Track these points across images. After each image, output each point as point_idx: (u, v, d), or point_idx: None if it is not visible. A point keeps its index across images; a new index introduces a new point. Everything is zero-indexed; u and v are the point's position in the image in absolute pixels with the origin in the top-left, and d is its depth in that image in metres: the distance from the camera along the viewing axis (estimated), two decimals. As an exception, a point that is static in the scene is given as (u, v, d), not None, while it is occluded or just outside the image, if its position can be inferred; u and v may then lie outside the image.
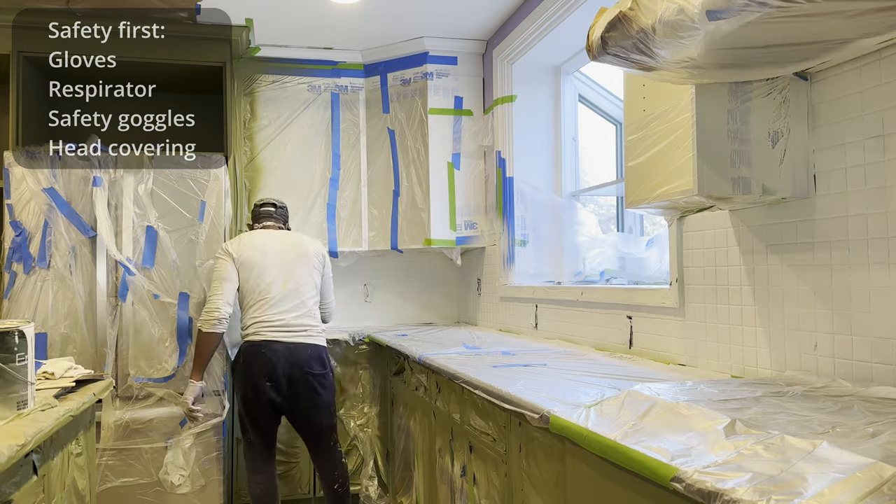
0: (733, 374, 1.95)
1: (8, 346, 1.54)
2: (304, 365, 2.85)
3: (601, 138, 3.64)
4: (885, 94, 1.53)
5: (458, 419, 2.30)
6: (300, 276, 2.96)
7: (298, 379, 2.85)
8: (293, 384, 2.86)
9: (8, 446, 1.34)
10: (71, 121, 3.85)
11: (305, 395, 2.87)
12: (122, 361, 3.15)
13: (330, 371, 2.96)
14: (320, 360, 2.91)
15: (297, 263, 2.97)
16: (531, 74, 3.60)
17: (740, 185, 1.68)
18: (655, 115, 1.85)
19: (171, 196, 3.26)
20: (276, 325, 2.86)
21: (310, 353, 2.88)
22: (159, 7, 3.30)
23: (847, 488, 0.86)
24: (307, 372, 2.85)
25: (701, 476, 0.99)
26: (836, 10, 1.11)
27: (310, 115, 3.99)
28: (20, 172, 3.11)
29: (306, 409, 2.90)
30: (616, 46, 1.43)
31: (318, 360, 2.89)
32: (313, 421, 2.94)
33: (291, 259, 2.98)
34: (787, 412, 1.30)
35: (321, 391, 2.89)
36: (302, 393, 2.87)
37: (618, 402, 1.45)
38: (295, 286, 2.93)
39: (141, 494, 3.13)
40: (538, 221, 3.53)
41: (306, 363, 2.86)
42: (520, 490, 1.79)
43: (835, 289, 1.64)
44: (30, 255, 3.09)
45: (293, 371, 2.84)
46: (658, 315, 2.32)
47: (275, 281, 2.91)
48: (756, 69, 1.54)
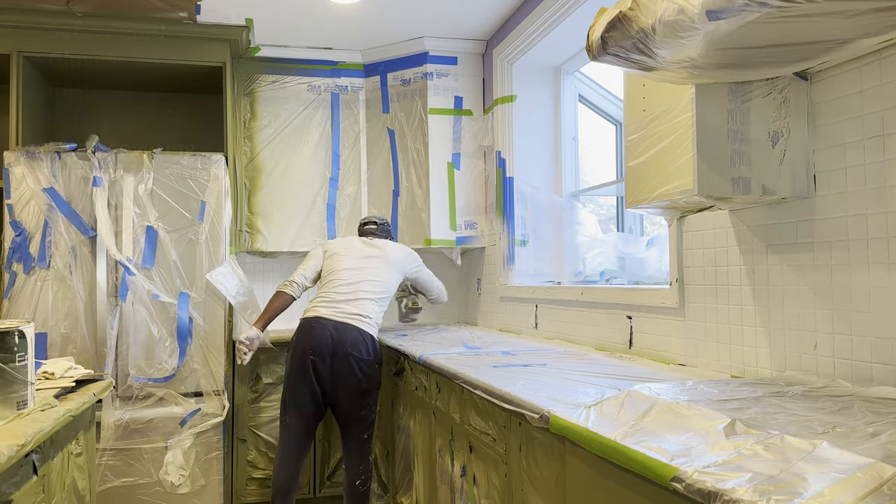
0: (733, 374, 1.95)
1: (8, 346, 1.54)
2: (347, 345, 2.91)
3: (601, 138, 3.64)
4: (885, 94, 1.53)
5: (458, 419, 2.30)
6: (372, 274, 3.07)
7: (341, 358, 2.90)
8: (335, 362, 2.91)
9: (8, 446, 1.34)
10: (71, 121, 3.86)
11: (345, 375, 2.91)
12: (122, 361, 3.15)
13: (375, 361, 2.97)
14: (365, 344, 2.95)
15: (374, 262, 3.11)
16: (531, 74, 3.60)
17: (740, 185, 1.68)
18: (655, 115, 1.85)
19: (171, 196, 3.26)
20: (331, 304, 2.99)
21: (356, 335, 2.94)
22: (159, 7, 3.30)
23: (847, 488, 0.86)
24: (349, 353, 2.90)
25: (701, 476, 0.99)
26: (835, 10, 1.11)
27: (310, 115, 4.00)
28: (20, 172, 3.11)
29: (343, 392, 2.94)
30: (616, 46, 1.43)
31: (363, 344, 2.94)
32: (348, 406, 2.96)
33: (370, 257, 3.13)
34: (787, 412, 1.29)
35: (360, 376, 2.92)
36: (341, 372, 2.91)
37: (618, 402, 1.45)
38: (362, 280, 3.04)
39: (141, 494, 3.13)
40: (538, 221, 3.53)
41: (351, 344, 2.91)
42: (520, 490, 1.79)
43: (835, 289, 1.64)
44: (30, 255, 3.09)
45: (337, 348, 2.91)
46: (658, 315, 2.33)
47: (347, 269, 3.07)
48: (756, 69, 1.53)
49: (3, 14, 3.24)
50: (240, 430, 3.51)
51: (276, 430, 3.57)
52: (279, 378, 3.58)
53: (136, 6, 3.28)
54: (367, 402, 2.98)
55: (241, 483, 3.51)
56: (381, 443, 3.58)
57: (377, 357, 3.01)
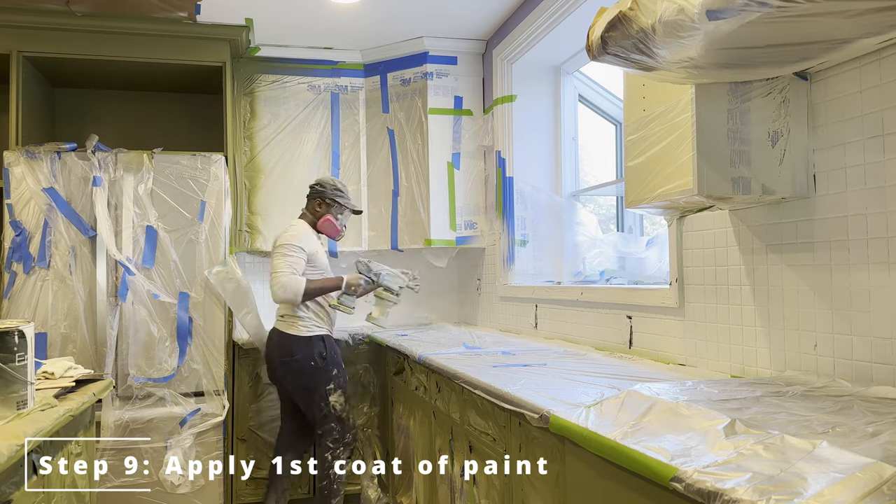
0: (733, 374, 1.95)
1: (8, 346, 1.54)
2: (273, 350, 3.07)
3: (601, 138, 3.64)
4: (885, 94, 1.53)
5: (458, 419, 2.30)
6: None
7: (275, 365, 3.08)
8: (272, 370, 3.13)
9: (8, 446, 1.34)
10: (71, 121, 3.86)
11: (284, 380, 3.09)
12: (121, 361, 3.15)
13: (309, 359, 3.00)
14: (287, 347, 3.02)
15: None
16: (531, 74, 3.60)
17: (740, 185, 1.68)
18: (655, 115, 1.85)
19: (170, 196, 3.26)
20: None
21: (278, 339, 3.06)
22: (159, 7, 3.30)
23: (847, 488, 0.86)
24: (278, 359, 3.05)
25: (701, 476, 0.99)
26: (835, 10, 1.11)
27: (309, 114, 3.99)
28: (20, 172, 3.10)
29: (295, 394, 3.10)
30: (616, 46, 1.43)
31: (285, 346, 3.02)
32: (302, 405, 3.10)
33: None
34: (787, 412, 1.29)
35: (292, 378, 3.04)
36: (280, 378, 3.10)
37: (618, 402, 1.45)
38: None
39: (141, 494, 3.13)
40: (538, 221, 3.53)
41: (276, 348, 3.06)
42: (520, 490, 1.79)
43: (834, 289, 1.64)
44: (30, 255, 3.08)
45: (270, 356, 3.10)
46: (658, 315, 2.32)
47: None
48: (756, 69, 1.53)
49: (3, 14, 3.24)
50: (240, 430, 3.51)
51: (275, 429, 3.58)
52: (279, 378, 3.58)
53: (135, 6, 3.28)
54: (315, 400, 3.02)
55: (241, 483, 3.50)
56: (381, 443, 3.58)
57: (311, 355, 3.01)
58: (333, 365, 3.06)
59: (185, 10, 3.35)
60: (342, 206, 3.18)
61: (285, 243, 2.98)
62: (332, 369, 3.05)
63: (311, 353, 3.00)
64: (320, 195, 3.15)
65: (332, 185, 3.16)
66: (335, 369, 3.06)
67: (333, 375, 3.04)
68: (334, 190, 3.16)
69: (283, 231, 3.07)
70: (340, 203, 3.16)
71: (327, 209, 3.15)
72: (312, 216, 3.17)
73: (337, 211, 3.17)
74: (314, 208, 3.16)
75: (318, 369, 3.01)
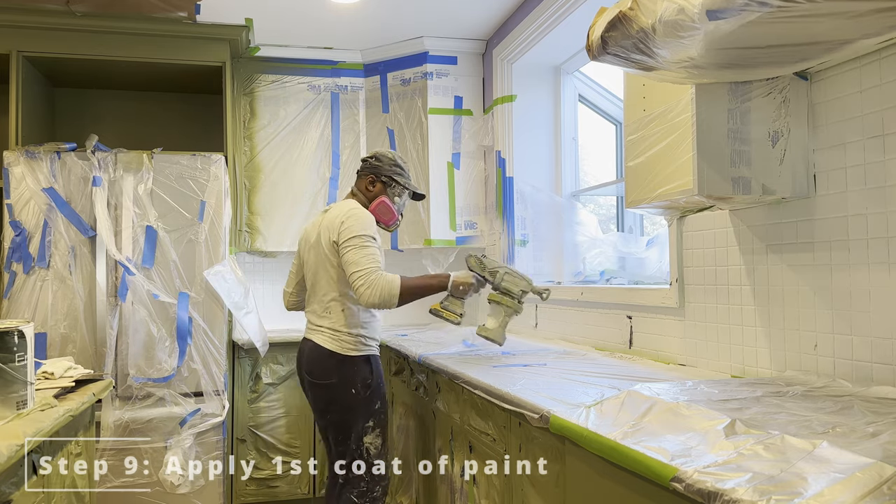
0: (733, 374, 1.95)
1: (7, 346, 1.54)
2: (304, 367, 2.49)
3: (601, 138, 3.64)
4: (885, 94, 1.52)
5: (458, 419, 2.29)
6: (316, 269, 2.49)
7: (306, 384, 2.51)
8: (305, 388, 2.55)
9: (7, 446, 1.34)
10: (71, 120, 3.86)
11: (313, 402, 2.52)
12: (121, 361, 3.15)
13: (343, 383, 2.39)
14: (321, 364, 2.41)
15: (312, 251, 2.51)
16: (531, 74, 3.60)
17: (740, 185, 1.68)
18: (655, 115, 1.85)
19: (170, 196, 3.26)
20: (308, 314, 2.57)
21: (312, 354, 2.44)
22: (159, 7, 3.30)
23: (847, 488, 0.86)
24: (307, 378, 2.48)
25: (701, 476, 0.99)
26: (836, 11, 1.11)
27: (309, 114, 3.99)
28: (20, 172, 3.10)
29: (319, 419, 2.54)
30: (616, 46, 1.43)
31: (318, 363, 2.41)
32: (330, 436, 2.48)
33: (311, 245, 2.53)
34: (787, 412, 1.29)
35: (321, 405, 2.46)
36: (311, 399, 2.53)
37: (618, 402, 1.45)
38: (314, 279, 2.50)
39: (141, 494, 3.13)
40: (538, 221, 3.53)
41: (307, 364, 2.46)
42: (520, 490, 1.79)
43: (835, 289, 1.64)
44: (29, 255, 3.08)
45: (302, 372, 2.52)
46: (658, 315, 2.32)
47: (308, 272, 2.55)
48: (756, 69, 1.53)
49: (3, 14, 3.24)
50: (240, 431, 3.51)
51: (275, 429, 3.58)
52: (279, 378, 3.58)
53: (135, 6, 3.28)
54: (340, 435, 2.41)
55: (241, 483, 3.51)
56: (381, 443, 3.58)
57: (352, 380, 2.39)
58: (377, 396, 2.44)
59: (184, 10, 3.35)
60: (402, 187, 2.57)
61: (360, 233, 2.32)
62: (375, 402, 2.43)
63: (352, 378, 2.39)
64: (374, 172, 2.54)
65: (391, 161, 2.56)
66: (378, 401, 2.44)
67: (375, 410, 2.43)
68: (393, 166, 2.55)
69: (345, 215, 2.38)
70: (399, 183, 2.56)
71: (382, 189, 2.55)
72: (364, 197, 2.56)
73: (394, 192, 2.56)
74: (365, 187, 2.56)
75: (358, 400, 2.39)
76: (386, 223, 2.55)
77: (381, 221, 2.52)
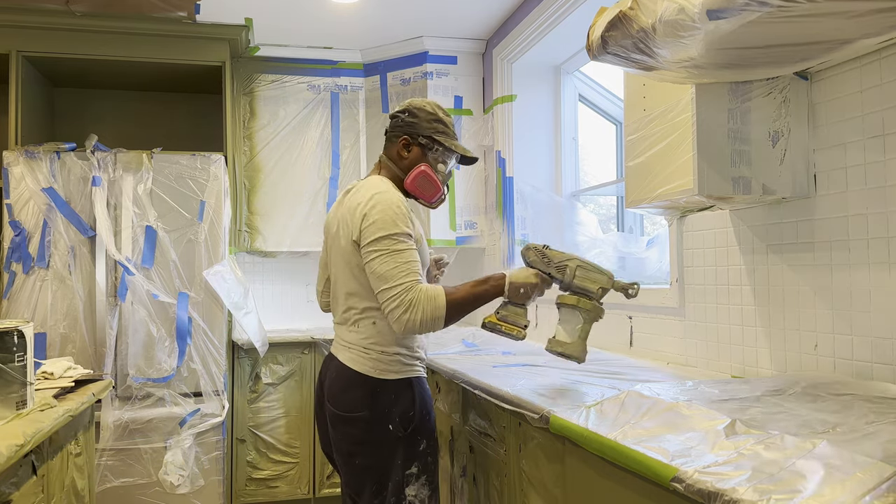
0: (733, 374, 1.95)
1: (7, 346, 1.54)
2: (325, 392, 1.88)
3: (601, 138, 3.64)
4: (885, 94, 1.52)
5: (458, 419, 2.29)
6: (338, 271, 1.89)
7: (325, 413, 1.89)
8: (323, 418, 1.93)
9: (7, 446, 1.34)
10: (70, 120, 3.86)
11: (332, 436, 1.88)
12: (121, 361, 3.15)
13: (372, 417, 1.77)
14: (344, 391, 1.80)
15: (333, 246, 1.91)
16: (531, 74, 3.60)
17: (740, 185, 1.68)
18: (655, 115, 1.85)
19: (170, 196, 3.26)
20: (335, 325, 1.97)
21: (336, 375, 1.84)
22: (159, 7, 3.30)
23: (847, 488, 0.86)
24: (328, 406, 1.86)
25: (701, 476, 0.99)
26: (836, 11, 1.11)
27: (309, 114, 3.99)
28: (19, 172, 3.10)
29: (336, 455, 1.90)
30: (616, 46, 1.43)
31: (340, 389, 1.81)
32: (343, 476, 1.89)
33: (332, 236, 1.92)
34: (787, 412, 1.29)
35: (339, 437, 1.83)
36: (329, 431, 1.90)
37: (618, 402, 1.45)
38: (336, 281, 1.91)
39: (141, 494, 3.13)
40: (538, 221, 3.53)
41: (329, 389, 1.86)
42: (520, 490, 1.79)
43: (835, 289, 1.64)
44: (29, 255, 3.08)
45: (322, 397, 1.92)
46: (658, 315, 2.32)
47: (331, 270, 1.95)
48: (756, 69, 1.53)
49: (3, 14, 3.24)
50: (239, 431, 3.51)
51: (275, 429, 3.58)
52: (279, 378, 3.58)
53: (135, 6, 3.28)
54: (375, 486, 1.78)
55: (241, 483, 3.50)
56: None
57: (389, 414, 1.78)
58: (423, 433, 1.83)
59: (184, 10, 3.35)
60: (447, 149, 1.92)
61: (388, 232, 1.72)
62: (420, 441, 1.82)
63: (389, 411, 1.78)
64: (409, 131, 1.89)
65: (430, 115, 1.90)
66: (424, 441, 1.83)
67: (420, 452, 1.82)
68: (434, 122, 1.90)
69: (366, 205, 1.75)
70: (443, 144, 1.90)
71: (421, 154, 1.90)
72: (397, 167, 1.92)
73: (437, 158, 1.92)
74: (398, 154, 1.91)
75: (395, 440, 1.78)
76: (428, 199, 1.91)
77: (421, 198, 1.91)
